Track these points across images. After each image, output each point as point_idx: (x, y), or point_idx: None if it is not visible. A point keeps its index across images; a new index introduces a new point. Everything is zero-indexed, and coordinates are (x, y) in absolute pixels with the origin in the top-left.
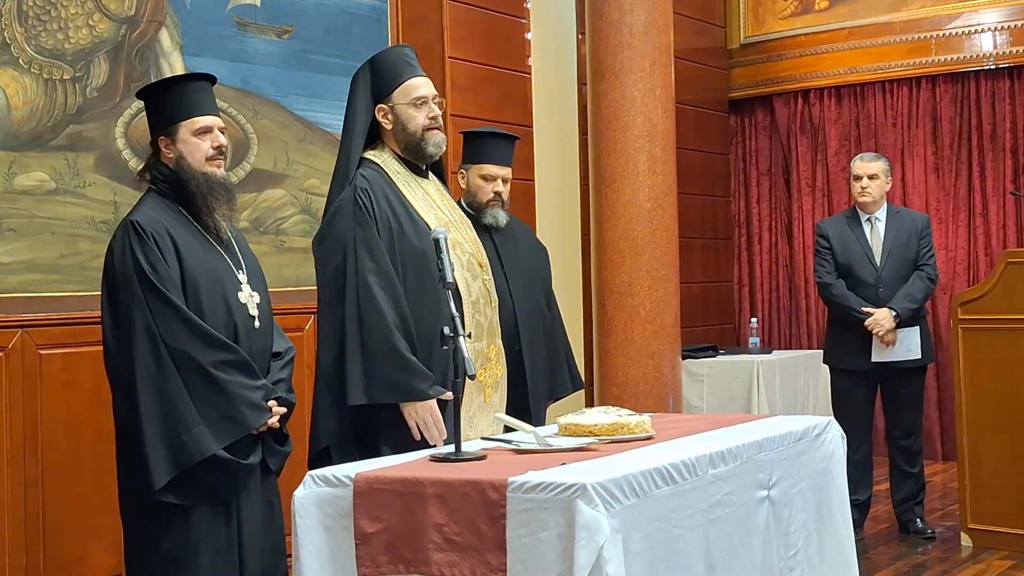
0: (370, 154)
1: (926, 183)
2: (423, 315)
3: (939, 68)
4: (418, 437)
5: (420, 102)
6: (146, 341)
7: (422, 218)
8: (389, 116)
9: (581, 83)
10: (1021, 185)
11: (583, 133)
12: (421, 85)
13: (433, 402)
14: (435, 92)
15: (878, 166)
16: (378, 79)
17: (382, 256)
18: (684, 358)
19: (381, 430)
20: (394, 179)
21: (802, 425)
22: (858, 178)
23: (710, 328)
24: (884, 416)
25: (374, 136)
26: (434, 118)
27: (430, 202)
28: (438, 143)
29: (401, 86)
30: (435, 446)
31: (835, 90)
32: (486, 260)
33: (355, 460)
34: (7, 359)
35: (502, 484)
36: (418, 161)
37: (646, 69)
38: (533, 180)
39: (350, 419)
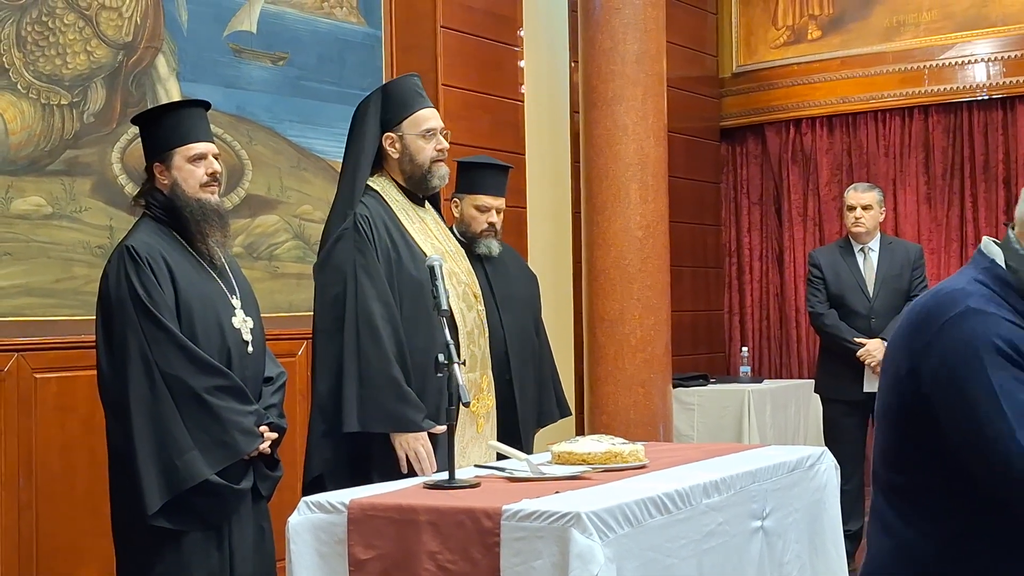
0: (371, 182)
1: (918, 213)
2: (418, 345)
3: (932, 98)
4: (405, 469)
5: (429, 134)
6: (140, 366)
7: (419, 247)
8: (397, 145)
9: (573, 111)
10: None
11: (575, 161)
12: (431, 117)
13: (425, 434)
14: (443, 124)
15: (872, 196)
16: (388, 107)
17: (382, 283)
18: (675, 387)
19: (373, 460)
20: (393, 207)
21: (796, 455)
22: (851, 208)
23: (700, 357)
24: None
25: (376, 164)
26: (441, 150)
27: (428, 232)
28: (443, 176)
29: (411, 116)
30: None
31: (827, 119)
32: (479, 291)
33: (348, 488)
34: (2, 383)
35: (496, 512)
36: (419, 192)
37: (638, 97)
38: (525, 207)
39: (344, 448)
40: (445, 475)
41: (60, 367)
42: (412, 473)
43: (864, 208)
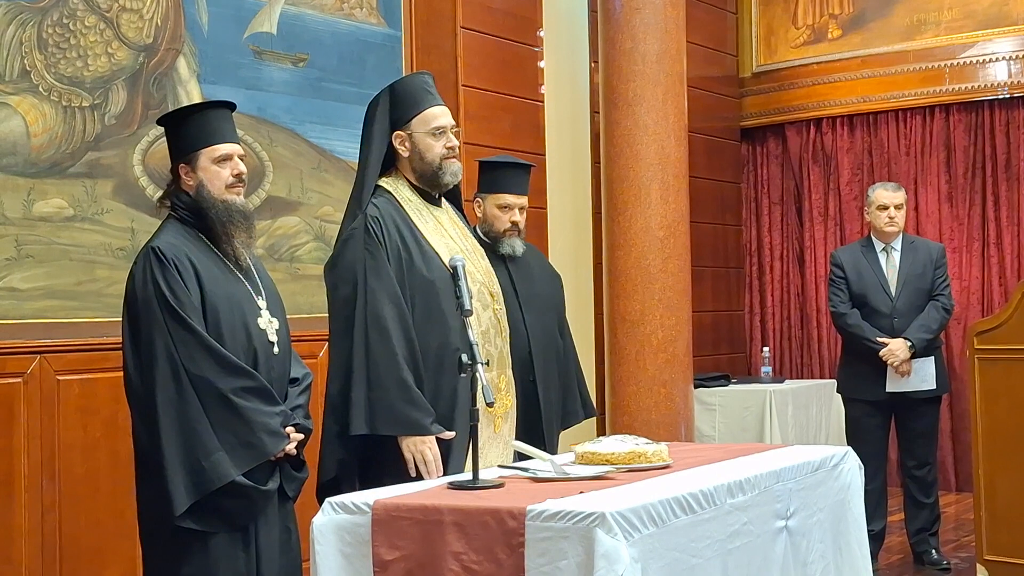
0: (383, 182)
1: (940, 212)
2: (431, 346)
3: (953, 97)
4: (414, 472)
5: (439, 132)
6: (167, 367)
7: (433, 248)
8: (407, 144)
9: (594, 111)
10: None
11: (595, 161)
12: (440, 115)
13: (432, 438)
14: (453, 122)
15: (902, 195)
16: (397, 106)
17: (392, 285)
18: (696, 387)
19: (385, 462)
20: (406, 208)
21: (819, 455)
22: (884, 208)
23: (721, 357)
24: (898, 446)
25: (389, 163)
26: (451, 148)
27: (442, 231)
28: (455, 172)
29: (420, 114)
30: None
31: (848, 119)
32: (498, 290)
33: (357, 490)
34: (25, 385)
35: (521, 512)
36: (432, 190)
37: (659, 97)
38: (546, 208)
39: (356, 450)
40: (469, 475)
41: (83, 369)
42: (419, 477)
43: (897, 207)
